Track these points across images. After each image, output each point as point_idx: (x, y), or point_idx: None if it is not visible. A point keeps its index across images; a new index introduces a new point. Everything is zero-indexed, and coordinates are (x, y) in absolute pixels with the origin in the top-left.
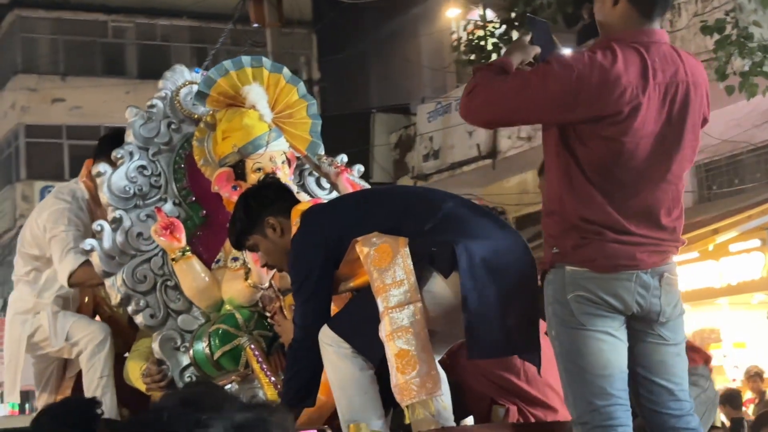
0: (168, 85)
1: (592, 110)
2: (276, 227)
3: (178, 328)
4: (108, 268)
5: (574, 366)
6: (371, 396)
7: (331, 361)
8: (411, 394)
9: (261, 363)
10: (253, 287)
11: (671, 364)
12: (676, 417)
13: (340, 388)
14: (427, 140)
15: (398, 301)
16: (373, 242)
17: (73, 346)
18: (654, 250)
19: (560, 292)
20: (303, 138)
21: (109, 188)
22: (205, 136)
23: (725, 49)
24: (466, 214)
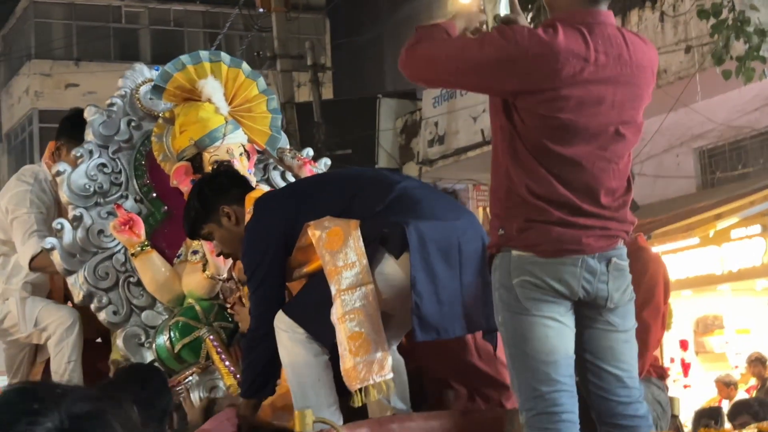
0: (128, 83)
1: (527, 82)
2: (231, 215)
3: (142, 324)
4: (69, 266)
5: (519, 352)
6: (324, 382)
7: (286, 346)
8: (361, 377)
9: (221, 354)
10: (211, 278)
11: (620, 350)
12: (624, 404)
13: (294, 373)
14: (432, 125)
15: (350, 284)
16: (324, 226)
17: (42, 331)
18: (601, 235)
19: (506, 277)
20: (262, 132)
21: (69, 186)
22: (164, 131)
23: (722, 33)
24: (418, 196)
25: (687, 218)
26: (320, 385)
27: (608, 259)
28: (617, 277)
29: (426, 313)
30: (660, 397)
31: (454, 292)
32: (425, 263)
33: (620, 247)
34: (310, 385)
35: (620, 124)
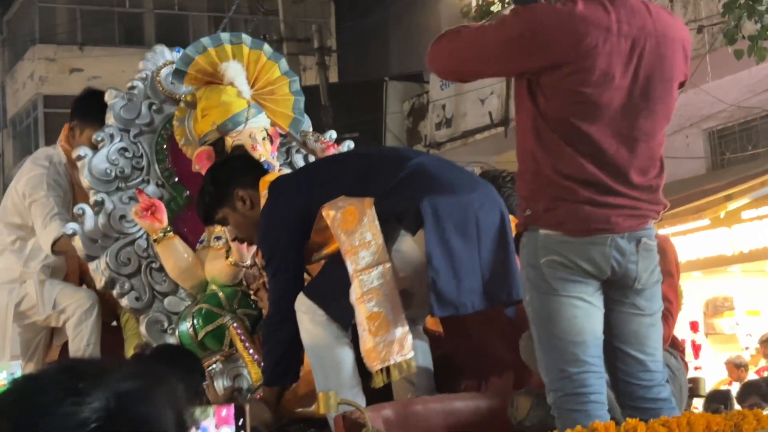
0: (148, 66)
1: (549, 56)
2: (245, 199)
3: (164, 310)
4: (91, 251)
5: (546, 332)
6: (346, 364)
7: (307, 328)
8: (381, 357)
9: (244, 341)
10: (234, 265)
11: (644, 334)
12: (646, 388)
13: (315, 356)
14: (439, 108)
15: (367, 263)
16: (339, 206)
17: (60, 313)
18: (630, 214)
19: (533, 256)
20: (285, 115)
21: (90, 171)
22: (185, 115)
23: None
24: (432, 170)
25: (697, 199)
26: (342, 366)
27: (638, 239)
28: (646, 257)
29: (443, 289)
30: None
31: (472, 267)
32: (441, 239)
33: (650, 227)
34: (331, 367)
35: (648, 98)
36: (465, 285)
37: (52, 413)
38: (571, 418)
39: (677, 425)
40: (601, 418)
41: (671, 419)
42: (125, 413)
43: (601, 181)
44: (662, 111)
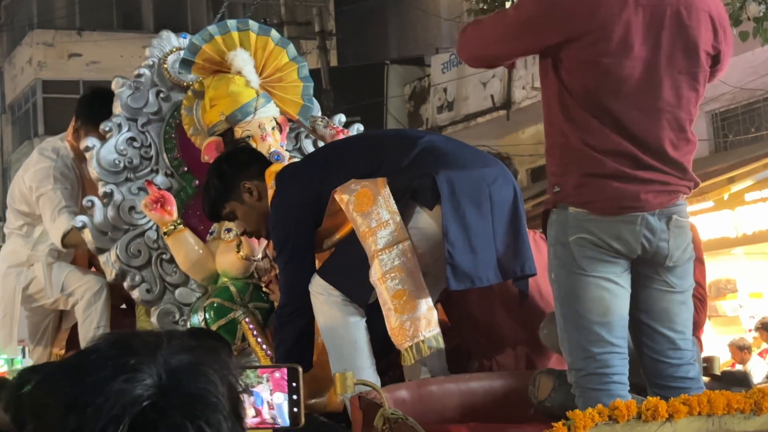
0: (155, 53)
1: (566, 29)
2: (253, 191)
3: (175, 302)
4: (101, 244)
5: (571, 311)
6: (361, 344)
7: (322, 310)
8: (410, 334)
9: (256, 336)
10: (246, 259)
11: (675, 312)
12: (675, 366)
13: (331, 337)
14: (441, 91)
15: (386, 243)
16: (351, 189)
17: (68, 296)
18: (661, 190)
19: (562, 233)
20: (294, 102)
21: (99, 162)
22: (193, 104)
23: None
24: (443, 147)
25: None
26: (357, 347)
27: (669, 216)
28: (678, 234)
29: (459, 262)
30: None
31: (487, 240)
32: (456, 212)
33: (681, 203)
34: (347, 348)
35: (673, 71)
36: (480, 258)
37: (104, 391)
38: (593, 397)
39: (698, 403)
40: (623, 398)
41: (692, 397)
42: (178, 388)
43: (630, 152)
44: (687, 82)
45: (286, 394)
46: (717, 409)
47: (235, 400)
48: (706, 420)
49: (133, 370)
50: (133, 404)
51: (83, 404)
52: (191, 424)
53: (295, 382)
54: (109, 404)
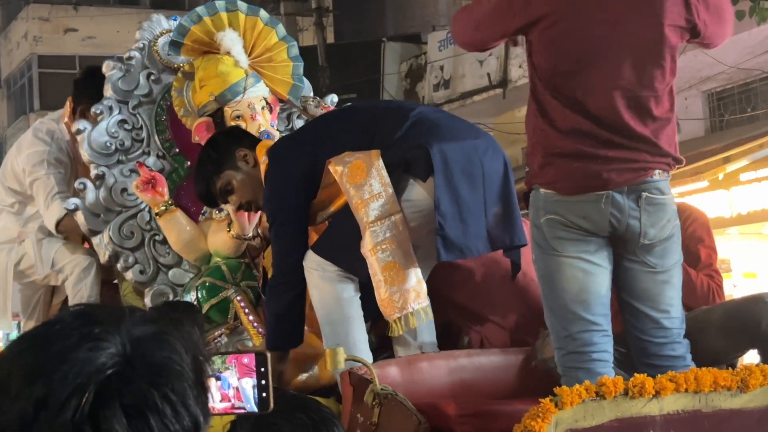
0: (145, 35)
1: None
2: (248, 158)
3: (169, 283)
4: (93, 226)
5: (550, 291)
6: (355, 320)
7: (317, 285)
8: (399, 306)
9: (248, 314)
10: (237, 238)
11: (657, 291)
12: (659, 345)
13: (324, 313)
14: (437, 69)
15: (378, 215)
16: (346, 161)
17: (58, 272)
18: (626, 168)
19: (535, 215)
20: (284, 81)
21: (90, 145)
22: (183, 85)
23: None
24: (436, 119)
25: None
26: (351, 323)
27: (638, 193)
28: (652, 212)
29: (449, 233)
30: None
31: (478, 212)
32: (449, 184)
33: (652, 180)
34: (340, 324)
35: (633, 48)
36: (471, 230)
37: (69, 359)
38: (574, 376)
39: (685, 380)
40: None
41: (679, 374)
42: (142, 357)
43: (591, 131)
44: (650, 59)
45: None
46: (704, 386)
47: (200, 370)
48: (692, 397)
49: (97, 339)
50: (98, 372)
51: (48, 373)
52: (156, 391)
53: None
54: (74, 372)
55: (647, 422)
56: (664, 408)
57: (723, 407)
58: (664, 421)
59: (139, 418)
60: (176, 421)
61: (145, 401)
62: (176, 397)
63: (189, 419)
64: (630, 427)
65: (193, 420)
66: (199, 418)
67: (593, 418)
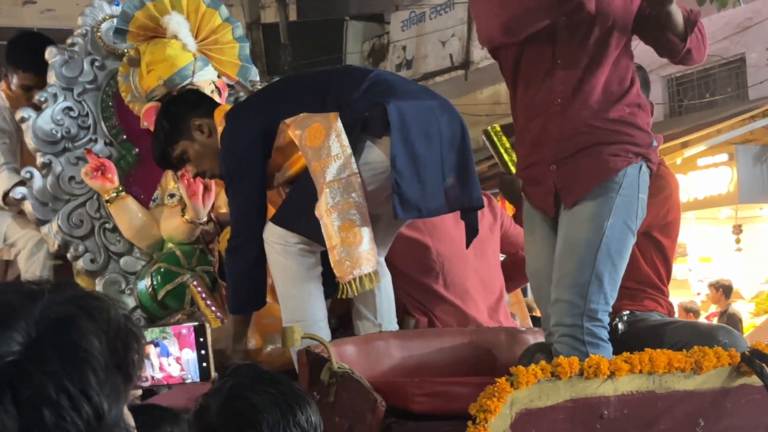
0: (88, 21)
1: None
2: (203, 128)
3: (121, 271)
4: (42, 215)
5: (611, 265)
6: (316, 296)
7: (277, 260)
8: (353, 267)
9: (205, 299)
10: (191, 223)
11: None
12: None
13: (285, 287)
14: (400, 49)
15: (335, 176)
16: (304, 124)
17: (11, 247)
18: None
19: (634, 188)
20: (232, 63)
21: (35, 133)
22: (129, 71)
23: None
24: (392, 80)
25: None
26: (312, 299)
27: None
28: None
29: (406, 191)
30: None
31: (435, 171)
32: (405, 142)
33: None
34: (300, 300)
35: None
36: (428, 189)
37: None
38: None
39: (639, 361)
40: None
41: (633, 355)
42: (47, 344)
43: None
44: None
45: (195, 351)
46: (658, 368)
47: (118, 348)
48: (647, 378)
49: (1, 324)
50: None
51: None
52: (53, 382)
53: (202, 337)
54: None
55: (602, 402)
56: (618, 389)
57: (677, 388)
58: (619, 401)
59: (32, 411)
60: (75, 413)
61: (40, 393)
62: (75, 387)
63: (90, 410)
64: (584, 407)
65: (94, 410)
66: (101, 408)
67: (548, 398)
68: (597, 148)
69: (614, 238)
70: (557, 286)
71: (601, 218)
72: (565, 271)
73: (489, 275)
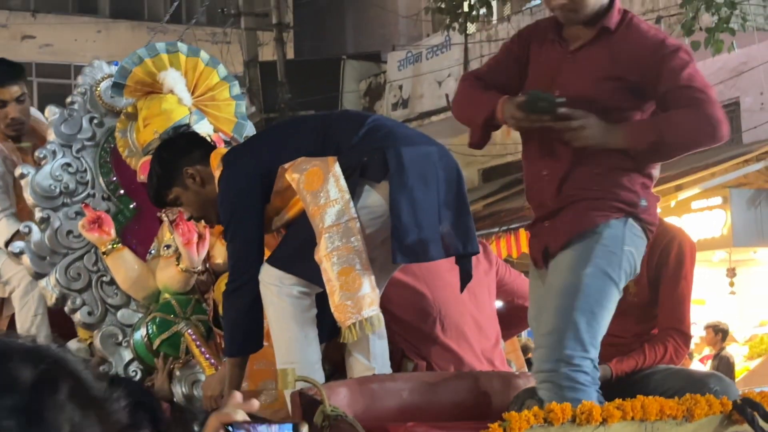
0: (87, 80)
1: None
2: (195, 176)
3: (118, 323)
4: (40, 269)
5: (590, 312)
6: (311, 339)
7: (272, 302)
8: (353, 313)
9: (200, 347)
10: (185, 271)
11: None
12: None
13: (280, 329)
14: (396, 89)
15: (334, 220)
16: (302, 168)
17: (5, 284)
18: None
19: (619, 241)
20: (228, 120)
21: (34, 189)
22: (127, 126)
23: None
24: (390, 125)
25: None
26: (306, 341)
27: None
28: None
29: (405, 236)
30: None
31: (432, 216)
32: (404, 187)
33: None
34: (295, 340)
35: None
36: (426, 234)
37: None
38: (584, 391)
39: (631, 408)
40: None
41: (626, 402)
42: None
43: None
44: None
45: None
46: (650, 415)
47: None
48: (639, 425)
49: None
50: None
51: None
52: None
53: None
54: None
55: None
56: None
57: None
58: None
59: None
60: None
61: None
62: None
63: None
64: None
65: None
66: None
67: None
68: (582, 203)
69: (592, 287)
70: (537, 332)
71: (579, 267)
72: (545, 318)
73: (485, 320)
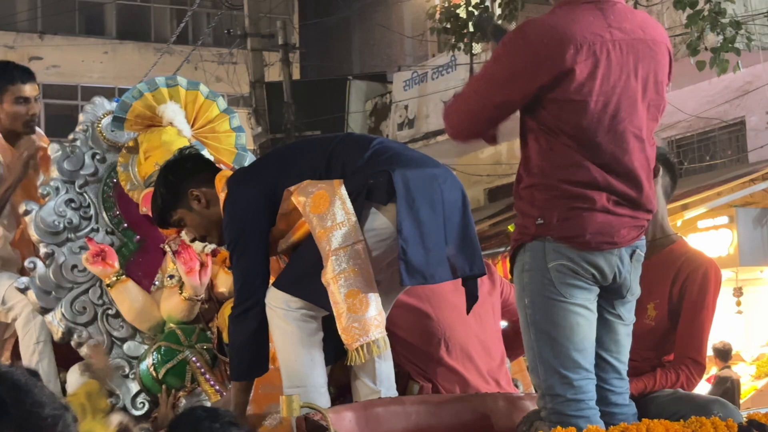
0: (89, 117)
1: (551, 70)
2: (201, 198)
3: (124, 356)
4: (45, 303)
5: (548, 337)
6: (317, 363)
7: (279, 325)
8: (360, 335)
9: (205, 375)
10: (188, 300)
11: (623, 343)
12: (617, 393)
13: (286, 352)
14: (402, 109)
15: (340, 243)
16: (308, 191)
17: (8, 310)
18: (633, 225)
19: (540, 260)
20: (228, 151)
21: (38, 225)
22: (128, 160)
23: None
24: (395, 148)
25: None
26: (312, 365)
27: (633, 250)
28: (636, 268)
29: (412, 258)
30: None
31: (439, 238)
32: (411, 209)
33: (643, 237)
34: (301, 365)
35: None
36: (433, 256)
37: None
38: (572, 423)
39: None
40: (599, 424)
41: (631, 426)
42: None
43: (612, 185)
44: (654, 113)
45: None
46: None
47: None
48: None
49: None
50: None
51: None
52: None
53: None
54: None
55: None
56: None
57: None
58: None
59: None
60: None
61: None
62: None
63: None
64: None
65: None
66: None
67: None
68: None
69: (538, 314)
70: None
71: (521, 300)
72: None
73: (489, 340)
